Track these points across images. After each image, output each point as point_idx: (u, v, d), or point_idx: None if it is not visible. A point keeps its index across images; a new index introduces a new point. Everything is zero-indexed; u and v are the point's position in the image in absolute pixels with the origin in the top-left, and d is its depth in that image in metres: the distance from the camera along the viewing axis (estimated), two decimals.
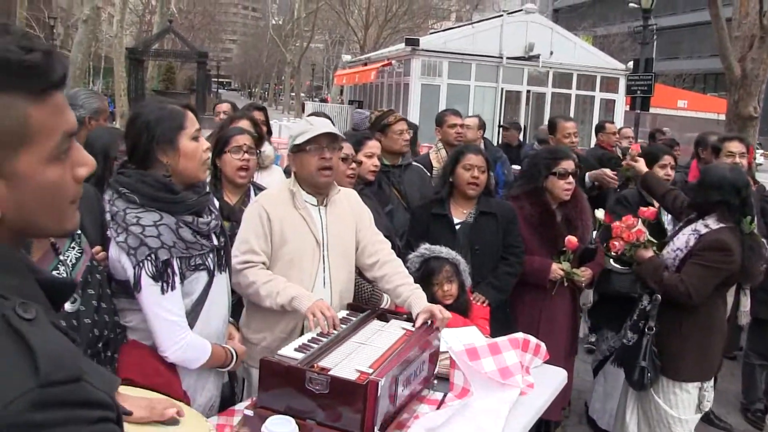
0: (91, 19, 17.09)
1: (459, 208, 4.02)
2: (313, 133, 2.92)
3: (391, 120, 4.86)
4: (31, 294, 1.01)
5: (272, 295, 2.84)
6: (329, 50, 55.26)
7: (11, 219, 1.00)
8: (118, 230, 2.38)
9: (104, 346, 2.34)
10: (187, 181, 2.49)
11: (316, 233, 3.00)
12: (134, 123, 2.46)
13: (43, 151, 0.99)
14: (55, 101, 1.00)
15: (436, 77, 17.17)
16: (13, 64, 0.94)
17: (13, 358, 0.89)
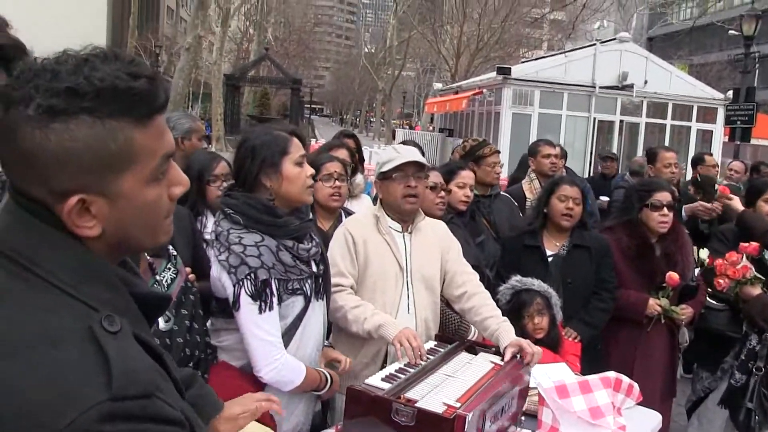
0: (193, 47, 17.82)
1: (552, 240, 3.95)
2: (399, 161, 2.96)
3: (486, 152, 4.84)
4: (123, 307, 1.05)
5: (359, 320, 2.84)
6: (420, 78, 55.65)
7: (110, 235, 1.06)
8: (221, 249, 2.45)
9: (195, 365, 2.39)
10: (291, 205, 2.54)
11: (399, 258, 3.02)
12: (241, 147, 2.55)
13: (144, 172, 1.05)
14: (157, 125, 1.06)
15: (527, 106, 16.97)
16: (121, 91, 0.99)
17: (90, 370, 0.93)
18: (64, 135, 0.97)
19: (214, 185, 3.52)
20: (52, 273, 1.00)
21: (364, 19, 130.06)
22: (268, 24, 42.55)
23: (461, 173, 4.14)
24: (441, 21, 38.27)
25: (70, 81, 0.97)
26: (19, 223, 1.03)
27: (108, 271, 1.06)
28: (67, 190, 1.00)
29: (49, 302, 0.98)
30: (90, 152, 0.99)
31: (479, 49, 33.08)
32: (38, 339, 0.94)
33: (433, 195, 3.71)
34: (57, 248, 1.02)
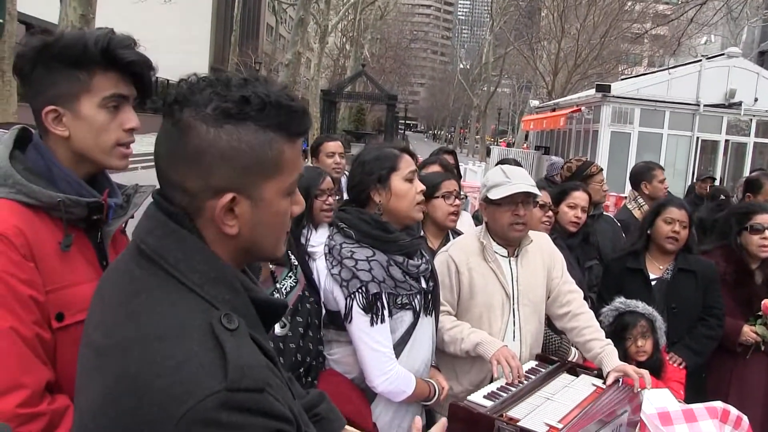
0: (292, 63, 18.24)
1: (655, 263, 3.85)
2: (509, 190, 2.87)
3: (594, 170, 4.80)
4: (241, 309, 1.16)
5: (456, 341, 2.85)
6: (516, 95, 55.25)
7: (244, 237, 1.19)
8: (333, 263, 2.53)
9: (306, 371, 2.49)
10: (400, 221, 2.58)
11: (506, 286, 2.97)
12: (355, 163, 2.64)
13: (285, 184, 1.19)
14: (299, 145, 1.20)
15: (626, 125, 16.54)
16: (283, 108, 1.15)
17: (209, 362, 1.03)
18: (232, 135, 1.13)
19: (320, 200, 3.63)
20: (182, 273, 1.12)
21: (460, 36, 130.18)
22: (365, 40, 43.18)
23: (574, 194, 4.09)
24: (538, 37, 37.91)
25: (242, 91, 1.13)
26: (160, 226, 1.16)
27: (231, 275, 1.18)
28: (224, 188, 1.14)
29: (178, 298, 1.10)
30: (251, 154, 1.14)
31: (577, 65, 32.50)
32: (166, 332, 1.06)
33: (540, 213, 3.69)
34: (189, 251, 1.15)
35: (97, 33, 1.66)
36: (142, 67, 1.72)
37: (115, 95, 1.69)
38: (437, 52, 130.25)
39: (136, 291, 1.12)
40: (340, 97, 29.54)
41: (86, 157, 1.72)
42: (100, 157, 1.73)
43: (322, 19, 28.12)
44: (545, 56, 36.78)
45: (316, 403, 1.75)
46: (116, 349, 1.07)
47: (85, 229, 1.74)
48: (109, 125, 1.70)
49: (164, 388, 1.00)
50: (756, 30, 34.13)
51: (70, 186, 1.68)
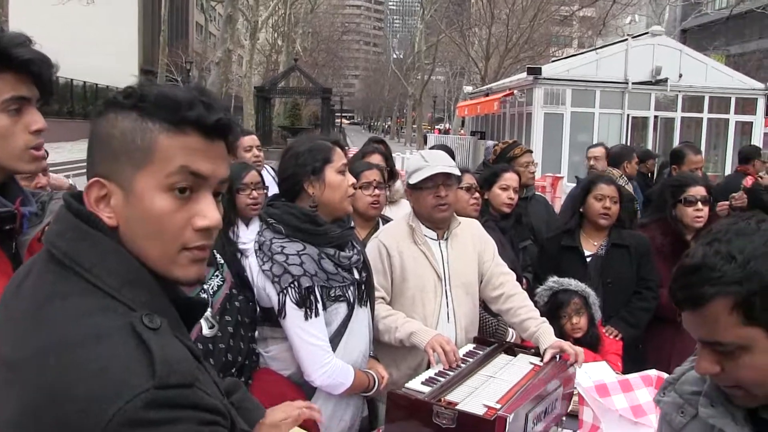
0: (223, 61, 18.03)
1: (589, 240, 3.90)
2: (427, 172, 2.93)
3: (517, 152, 4.85)
4: (160, 309, 1.12)
5: (391, 329, 2.85)
6: (450, 82, 55.56)
7: (123, 233, 1.13)
8: (264, 259, 2.50)
9: (238, 371, 2.44)
10: (332, 213, 2.57)
11: (437, 268, 3.00)
12: (286, 155, 2.60)
13: (158, 177, 1.11)
14: (190, 141, 1.13)
15: (559, 105, 16.76)
16: (168, 98, 1.12)
17: (134, 362, 0.99)
18: (110, 122, 1.13)
19: (244, 194, 3.59)
20: (98, 277, 1.08)
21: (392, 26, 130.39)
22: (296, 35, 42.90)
23: (504, 175, 4.14)
24: (469, 23, 38.26)
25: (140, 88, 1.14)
26: (71, 229, 1.12)
27: (148, 277, 1.13)
28: (97, 174, 1.13)
29: (94, 304, 1.06)
30: (120, 140, 1.12)
31: (508, 49, 32.91)
32: (84, 337, 1.01)
33: (467, 196, 3.72)
34: (104, 254, 1.10)
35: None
36: (40, 66, 1.64)
37: (14, 98, 1.61)
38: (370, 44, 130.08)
39: (48, 298, 1.07)
40: (274, 93, 29.34)
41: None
42: (9, 163, 1.65)
43: (251, 15, 27.73)
44: (477, 42, 37.13)
45: (230, 390, 1.69)
46: (31, 360, 1.02)
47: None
48: (13, 129, 1.62)
49: (88, 394, 0.96)
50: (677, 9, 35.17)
51: None
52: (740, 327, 1.23)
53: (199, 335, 2.30)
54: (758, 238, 1.24)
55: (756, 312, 1.21)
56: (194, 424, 1.02)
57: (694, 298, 1.28)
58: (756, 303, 1.21)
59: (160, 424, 0.97)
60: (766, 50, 29.12)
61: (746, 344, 1.24)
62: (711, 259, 1.25)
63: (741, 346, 1.25)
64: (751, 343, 1.23)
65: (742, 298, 1.21)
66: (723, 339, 1.26)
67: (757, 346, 1.23)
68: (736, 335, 1.24)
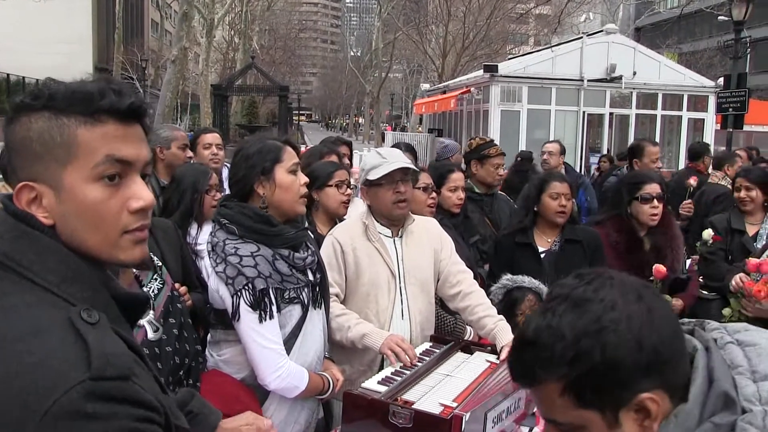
0: (179, 59, 17.72)
1: (543, 236, 3.93)
2: (386, 168, 2.92)
3: (492, 152, 4.86)
4: (100, 304, 1.14)
5: (342, 329, 2.84)
6: (408, 79, 55.66)
7: (61, 231, 1.15)
8: (217, 260, 2.45)
9: (185, 374, 2.40)
10: (284, 214, 2.53)
11: (390, 265, 2.99)
12: (236, 156, 2.55)
13: (85, 169, 1.14)
14: (108, 129, 1.15)
15: (515, 103, 16.91)
16: (76, 92, 1.14)
17: (71, 355, 1.02)
18: (23, 126, 1.14)
19: (209, 196, 3.55)
20: (36, 274, 1.11)
21: (349, 23, 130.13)
22: (253, 32, 42.44)
23: (451, 176, 4.16)
24: (426, 21, 38.30)
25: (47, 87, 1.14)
26: (9, 230, 1.14)
27: (88, 273, 1.16)
28: (22, 178, 1.14)
29: (33, 299, 1.09)
30: (39, 141, 1.13)
31: (465, 47, 33.08)
32: (23, 331, 1.04)
33: (424, 196, 3.71)
34: (42, 252, 1.13)
35: None
36: None
37: None
38: (327, 41, 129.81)
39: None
40: (231, 91, 28.94)
41: None
42: None
43: (207, 13, 27.35)
44: (434, 40, 37.28)
45: (186, 400, 1.73)
46: None
47: None
48: None
49: (25, 387, 0.98)
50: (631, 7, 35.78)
51: None
52: (573, 409, 1.17)
53: (144, 339, 2.26)
54: (593, 310, 1.15)
55: (587, 395, 1.15)
56: (129, 420, 1.03)
57: (526, 378, 1.23)
58: (586, 386, 1.15)
59: (96, 418, 0.99)
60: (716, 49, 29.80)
61: (582, 425, 1.19)
62: (542, 335, 1.17)
63: (578, 426, 1.19)
64: (587, 424, 1.18)
65: (571, 382, 1.15)
66: (559, 419, 1.21)
67: (593, 427, 1.18)
68: (570, 416, 1.18)
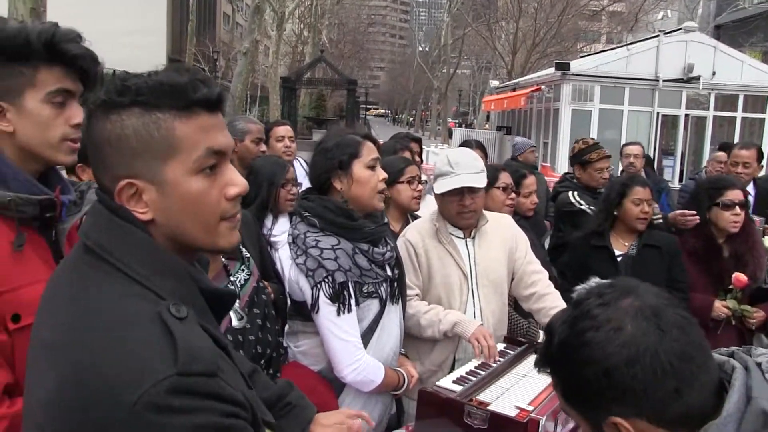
0: (249, 51, 18.00)
1: (620, 240, 3.84)
2: (451, 184, 2.87)
3: (593, 157, 4.76)
4: (189, 299, 1.16)
5: (434, 324, 2.83)
6: (476, 76, 55.28)
7: (163, 224, 1.17)
8: (298, 252, 2.47)
9: (266, 363, 2.43)
10: (361, 209, 2.53)
11: (462, 267, 2.96)
12: (316, 150, 2.57)
13: (187, 162, 1.15)
14: (202, 119, 1.16)
15: (587, 102, 16.61)
16: (165, 85, 1.13)
17: (159, 348, 1.03)
18: (116, 123, 1.13)
19: (285, 189, 3.58)
20: (127, 265, 1.13)
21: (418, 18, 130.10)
22: (323, 26, 42.83)
23: (524, 182, 4.14)
24: (496, 17, 37.92)
25: (129, 81, 1.14)
26: (104, 222, 1.17)
27: (177, 266, 1.18)
28: (122, 175, 1.14)
29: (125, 291, 1.11)
30: (136, 138, 1.13)
31: (536, 44, 32.59)
32: (114, 322, 1.06)
33: (503, 196, 3.68)
34: (134, 244, 1.15)
35: (40, 27, 1.63)
36: (88, 62, 1.69)
37: (60, 90, 1.66)
38: (396, 36, 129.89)
39: (84, 286, 1.12)
40: (300, 83, 29.31)
41: (32, 153, 1.68)
42: (46, 152, 1.69)
43: (278, 6, 27.73)
44: (504, 36, 36.87)
45: (285, 392, 1.76)
46: (65, 343, 1.07)
47: (39, 228, 1.71)
48: (54, 120, 1.67)
49: (114, 377, 1.00)
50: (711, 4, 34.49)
51: (21, 184, 1.65)
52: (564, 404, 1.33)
53: (228, 327, 2.30)
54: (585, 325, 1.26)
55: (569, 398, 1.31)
56: (214, 414, 1.04)
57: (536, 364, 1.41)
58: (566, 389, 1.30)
59: (181, 411, 1.00)
60: None
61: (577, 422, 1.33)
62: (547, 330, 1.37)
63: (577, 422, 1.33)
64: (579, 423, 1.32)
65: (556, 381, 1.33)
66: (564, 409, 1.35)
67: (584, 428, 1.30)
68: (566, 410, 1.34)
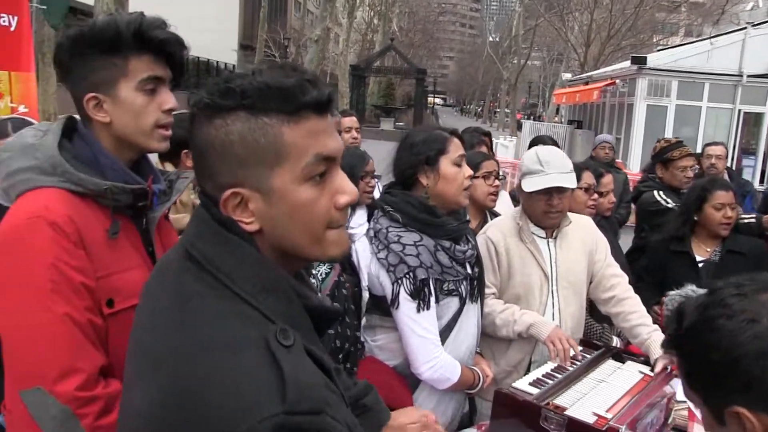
0: (321, 39, 18.19)
1: (702, 245, 3.72)
2: (542, 183, 2.80)
3: (675, 155, 4.62)
4: (296, 319, 1.09)
5: (509, 323, 2.80)
6: (546, 68, 54.38)
7: (269, 234, 1.10)
8: (380, 247, 2.46)
9: (344, 358, 2.44)
10: (446, 206, 2.51)
11: (544, 267, 2.91)
12: (402, 144, 2.55)
13: (295, 170, 1.07)
14: (311, 124, 1.08)
15: (663, 97, 16.10)
16: (272, 88, 1.05)
17: (265, 381, 0.96)
18: (221, 129, 1.05)
19: (364, 181, 3.58)
20: (235, 282, 1.06)
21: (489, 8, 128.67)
22: (393, 14, 42.83)
23: (602, 181, 4.04)
24: (569, 8, 37.17)
25: (233, 83, 1.05)
26: (210, 232, 1.10)
27: (285, 284, 1.10)
28: (227, 184, 1.07)
29: (231, 309, 1.03)
30: (242, 145, 1.05)
31: (610, 36, 31.84)
32: (218, 344, 0.99)
33: (585, 197, 3.62)
34: (242, 260, 1.08)
35: (128, 17, 1.67)
36: (175, 46, 1.72)
37: (151, 77, 1.70)
38: (466, 25, 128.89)
39: (186, 296, 1.07)
40: (369, 72, 29.43)
41: (127, 141, 1.73)
42: (140, 139, 1.74)
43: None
44: (577, 28, 36.16)
45: (362, 394, 1.73)
46: (166, 357, 1.02)
47: (131, 216, 1.76)
48: (147, 107, 1.71)
49: (219, 405, 0.94)
50: None
51: (116, 173, 1.70)
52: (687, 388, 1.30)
53: None
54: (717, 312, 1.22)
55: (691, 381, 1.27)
56: None
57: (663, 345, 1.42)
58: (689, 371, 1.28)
59: None
60: None
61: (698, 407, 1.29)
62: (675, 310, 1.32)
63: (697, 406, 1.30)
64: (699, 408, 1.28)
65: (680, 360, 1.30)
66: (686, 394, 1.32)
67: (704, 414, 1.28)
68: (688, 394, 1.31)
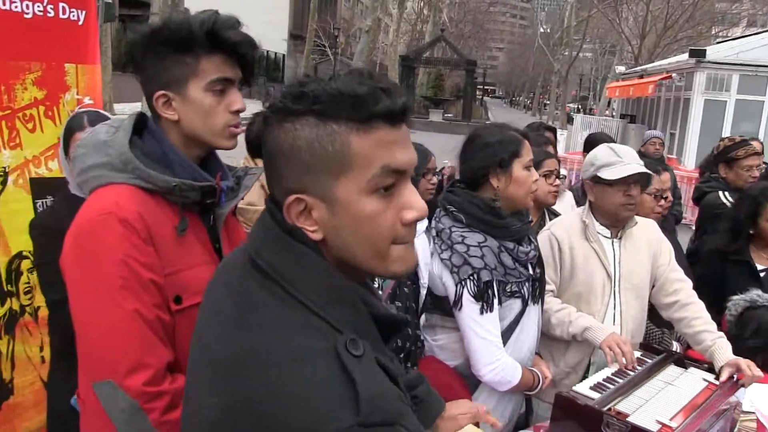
0: (372, 29, 18.18)
1: (762, 254, 3.60)
2: (623, 171, 2.76)
3: (740, 154, 4.45)
4: (363, 328, 1.07)
5: (564, 324, 2.77)
6: (598, 60, 53.55)
7: (332, 245, 1.08)
8: (443, 247, 2.45)
9: (405, 357, 2.43)
10: (513, 208, 2.50)
11: (607, 267, 2.87)
12: (472, 143, 2.52)
13: (360, 181, 1.04)
14: (381, 134, 1.04)
15: (722, 92, 15.65)
16: (345, 94, 1.02)
17: (338, 392, 0.95)
18: (290, 133, 1.04)
19: (426, 179, 3.56)
20: (302, 292, 1.04)
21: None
22: (443, 5, 42.53)
23: (660, 179, 3.89)
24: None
25: (306, 87, 1.03)
26: (276, 240, 1.09)
27: (352, 293, 1.08)
28: (292, 189, 1.06)
29: (298, 320, 1.02)
30: (309, 151, 1.03)
31: (667, 28, 31.13)
32: (287, 355, 0.97)
33: (653, 203, 3.57)
34: (308, 269, 1.06)
35: (201, 16, 1.67)
36: (246, 48, 1.72)
37: (220, 79, 1.70)
38: (516, 16, 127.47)
39: (252, 304, 1.05)
40: (419, 62, 29.36)
41: (196, 139, 1.74)
42: (209, 138, 1.75)
43: None
44: (631, 19, 35.45)
45: (415, 384, 1.73)
46: (232, 365, 1.01)
47: (199, 212, 1.77)
48: (215, 108, 1.71)
49: (290, 416, 0.93)
50: None
51: (185, 170, 1.71)
52: None
53: None
54: None
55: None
56: None
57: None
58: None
59: None
60: None
61: None
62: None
63: None
64: None
65: None
66: None
67: None
68: None
